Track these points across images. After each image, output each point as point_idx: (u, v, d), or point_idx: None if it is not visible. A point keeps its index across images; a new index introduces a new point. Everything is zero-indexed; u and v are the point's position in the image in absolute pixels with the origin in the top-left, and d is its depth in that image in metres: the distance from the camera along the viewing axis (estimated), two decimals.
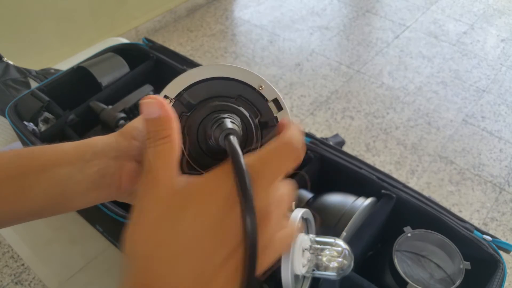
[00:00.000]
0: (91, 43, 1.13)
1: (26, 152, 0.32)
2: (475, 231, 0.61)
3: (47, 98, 0.76)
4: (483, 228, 1.03)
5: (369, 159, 1.79)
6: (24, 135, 0.71)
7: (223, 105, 0.29)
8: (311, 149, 0.71)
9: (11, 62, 0.98)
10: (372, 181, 0.66)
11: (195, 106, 0.30)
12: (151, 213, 0.24)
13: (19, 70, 0.96)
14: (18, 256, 1.46)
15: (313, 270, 0.49)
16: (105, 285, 0.69)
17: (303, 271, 0.48)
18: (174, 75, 0.29)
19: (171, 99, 0.30)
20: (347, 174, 0.68)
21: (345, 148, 1.49)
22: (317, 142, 0.73)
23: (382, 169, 0.70)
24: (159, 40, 2.45)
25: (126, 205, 0.63)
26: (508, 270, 0.58)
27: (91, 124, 0.79)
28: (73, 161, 0.31)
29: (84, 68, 0.81)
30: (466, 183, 1.72)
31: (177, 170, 0.26)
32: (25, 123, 0.73)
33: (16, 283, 1.40)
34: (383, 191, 0.64)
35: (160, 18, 2.55)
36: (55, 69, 1.02)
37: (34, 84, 0.94)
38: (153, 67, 0.87)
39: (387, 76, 2.21)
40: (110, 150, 0.32)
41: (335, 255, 0.48)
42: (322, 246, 0.49)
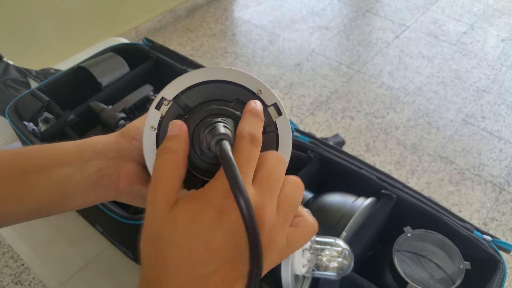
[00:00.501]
0: (91, 43, 1.13)
1: (26, 151, 0.32)
2: (475, 231, 0.61)
3: (47, 98, 0.76)
4: (483, 228, 1.03)
5: (369, 159, 1.79)
6: (24, 135, 0.71)
7: (219, 109, 0.29)
8: (311, 149, 0.71)
9: (11, 62, 0.98)
10: (372, 181, 0.66)
11: (192, 109, 0.29)
12: (149, 226, 0.25)
13: (19, 70, 0.96)
14: (18, 256, 1.46)
15: (313, 270, 0.49)
16: (105, 285, 0.69)
17: (303, 271, 0.48)
18: (174, 75, 0.29)
19: (168, 101, 0.29)
20: (347, 174, 0.68)
21: (345, 148, 1.49)
22: (317, 142, 0.73)
23: (382, 169, 0.70)
24: (159, 40, 2.45)
25: (126, 205, 0.63)
26: (508, 270, 0.58)
27: (91, 124, 0.79)
28: (73, 161, 0.32)
29: (84, 68, 0.81)
30: (466, 183, 1.72)
31: (178, 184, 0.26)
32: (25, 123, 0.73)
33: (16, 283, 1.40)
34: (383, 191, 0.64)
35: (160, 18, 2.55)
36: (55, 69, 1.02)
37: (34, 84, 0.94)
38: (153, 67, 0.87)
39: (387, 76, 2.21)
40: (109, 150, 0.32)
41: (335, 255, 0.49)
42: (322, 246, 0.49)
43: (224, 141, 0.25)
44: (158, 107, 0.29)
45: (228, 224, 0.24)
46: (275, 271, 0.47)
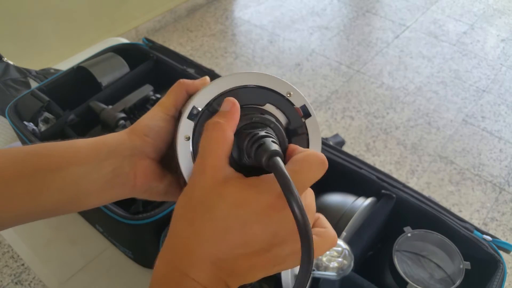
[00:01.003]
0: (91, 43, 1.13)
1: (40, 149, 0.32)
2: (475, 231, 0.61)
3: (47, 98, 0.76)
4: (483, 228, 1.03)
5: (369, 159, 1.79)
6: (24, 135, 0.71)
7: (259, 117, 0.29)
8: None
9: (11, 62, 0.98)
10: (372, 181, 0.66)
11: None
12: (193, 192, 0.26)
13: (19, 70, 0.96)
14: (18, 256, 1.46)
15: (313, 270, 0.49)
16: (105, 285, 0.69)
17: None
18: (174, 75, 0.29)
19: (198, 110, 0.29)
20: (347, 174, 0.68)
21: (345, 148, 1.49)
22: None
23: (382, 169, 0.70)
24: (159, 40, 2.45)
25: (126, 205, 0.63)
26: (508, 270, 0.58)
27: (91, 124, 0.79)
28: (88, 160, 0.31)
29: (84, 68, 0.81)
30: (466, 183, 1.72)
31: (225, 160, 0.27)
32: (25, 123, 0.73)
33: (16, 283, 1.40)
34: (383, 191, 0.64)
35: (160, 18, 2.55)
36: (55, 69, 1.02)
37: (34, 84, 0.94)
38: (153, 67, 0.87)
39: (387, 76, 2.21)
40: (124, 148, 0.32)
41: (335, 255, 0.49)
42: None
43: (276, 158, 0.25)
44: (190, 116, 0.29)
45: (272, 220, 0.25)
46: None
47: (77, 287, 0.69)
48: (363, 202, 0.61)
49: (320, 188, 0.69)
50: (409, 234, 0.60)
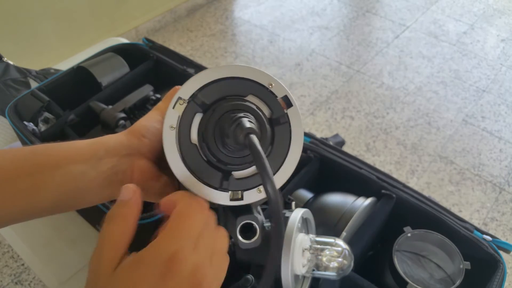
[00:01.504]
0: (91, 43, 1.13)
1: (41, 149, 0.33)
2: (475, 231, 0.61)
3: (47, 98, 0.76)
4: (483, 228, 1.03)
5: (369, 159, 1.79)
6: (24, 135, 0.71)
7: (239, 104, 0.30)
8: (311, 149, 0.71)
9: (11, 62, 0.98)
10: (372, 181, 0.66)
11: (209, 105, 0.31)
12: (94, 286, 0.26)
13: (19, 70, 0.96)
14: (18, 256, 1.46)
15: (313, 270, 0.49)
16: None
17: (303, 271, 0.48)
18: (174, 75, 0.30)
19: (184, 100, 0.30)
20: (347, 174, 0.68)
21: (345, 148, 1.49)
22: (317, 142, 0.73)
23: (382, 169, 0.70)
24: (159, 40, 2.45)
25: None
26: (508, 270, 0.58)
27: (91, 124, 0.79)
28: (86, 158, 0.32)
29: (84, 68, 0.81)
30: (466, 183, 1.72)
31: (123, 249, 0.27)
32: (25, 123, 0.73)
33: (16, 283, 1.40)
34: (383, 191, 0.64)
35: (160, 18, 2.55)
36: (55, 69, 1.02)
37: (34, 84, 0.94)
38: (153, 67, 0.87)
39: (387, 76, 2.21)
40: (121, 148, 0.33)
41: (335, 255, 0.48)
42: (322, 246, 0.49)
43: (252, 135, 0.27)
44: (175, 107, 0.30)
45: (170, 287, 0.24)
46: (276, 272, 0.47)
47: (77, 287, 0.69)
48: (363, 202, 0.61)
49: (320, 188, 0.69)
50: (409, 234, 0.60)
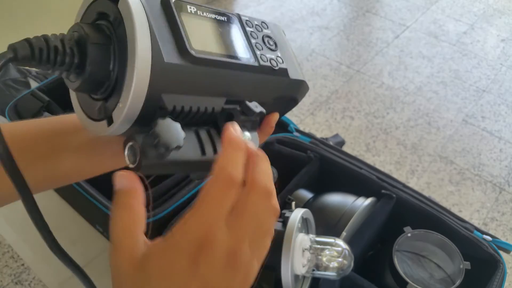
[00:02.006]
0: None
1: (55, 118, 0.34)
2: (475, 231, 0.61)
3: (47, 98, 0.76)
4: (483, 228, 1.02)
5: (369, 159, 1.79)
6: None
7: None
8: (311, 149, 0.71)
9: None
10: (372, 181, 0.66)
11: None
12: (122, 285, 0.25)
13: (19, 70, 0.96)
14: (18, 256, 1.46)
15: (313, 270, 0.49)
16: (105, 285, 0.69)
17: (303, 271, 0.48)
18: None
19: None
20: (347, 174, 0.68)
21: (345, 148, 1.49)
22: (317, 142, 0.73)
23: (382, 169, 0.70)
24: None
25: None
26: (508, 270, 0.58)
27: None
28: None
29: None
30: (466, 183, 1.72)
31: (140, 239, 0.25)
32: None
33: (16, 283, 1.40)
34: (383, 191, 0.64)
35: None
36: None
37: (34, 84, 0.94)
38: None
39: (387, 76, 2.21)
40: None
41: (335, 255, 0.49)
42: (322, 246, 0.49)
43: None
44: None
45: (204, 271, 0.23)
46: (275, 271, 0.47)
47: (77, 287, 0.69)
48: (363, 202, 0.61)
49: (320, 188, 0.69)
50: (409, 234, 0.60)
